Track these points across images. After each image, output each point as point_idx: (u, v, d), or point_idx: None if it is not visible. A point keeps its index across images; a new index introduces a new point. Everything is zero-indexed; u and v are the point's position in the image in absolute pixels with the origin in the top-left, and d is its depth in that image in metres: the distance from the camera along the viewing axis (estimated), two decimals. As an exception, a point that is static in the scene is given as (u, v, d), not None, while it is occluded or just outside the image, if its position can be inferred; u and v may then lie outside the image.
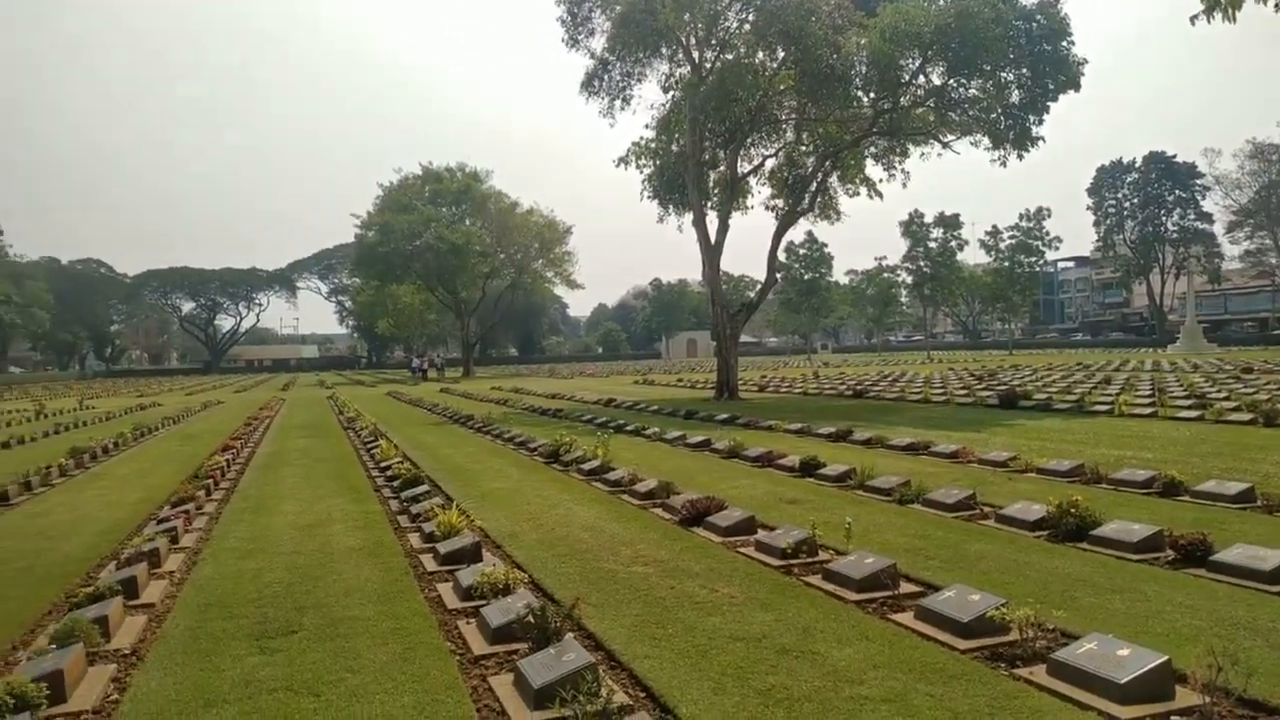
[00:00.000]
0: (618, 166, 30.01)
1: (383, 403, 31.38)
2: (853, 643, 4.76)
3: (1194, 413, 15.85)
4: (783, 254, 57.32)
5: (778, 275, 31.74)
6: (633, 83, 28.40)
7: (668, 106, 28.85)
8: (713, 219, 28.51)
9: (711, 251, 27.88)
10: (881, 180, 29.62)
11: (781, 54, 25.99)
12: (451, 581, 6.26)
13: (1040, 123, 25.05)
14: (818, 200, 30.26)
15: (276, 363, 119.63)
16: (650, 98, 62.46)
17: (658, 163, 29.80)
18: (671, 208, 30.42)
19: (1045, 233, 66.18)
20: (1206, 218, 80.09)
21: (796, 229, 37.71)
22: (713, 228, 28.09)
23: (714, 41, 27.32)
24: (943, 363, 53.64)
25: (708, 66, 27.01)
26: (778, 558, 6.56)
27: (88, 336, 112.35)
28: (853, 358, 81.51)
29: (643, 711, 3.91)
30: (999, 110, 24.92)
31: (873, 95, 26.46)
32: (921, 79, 25.98)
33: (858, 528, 7.11)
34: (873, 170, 29.95)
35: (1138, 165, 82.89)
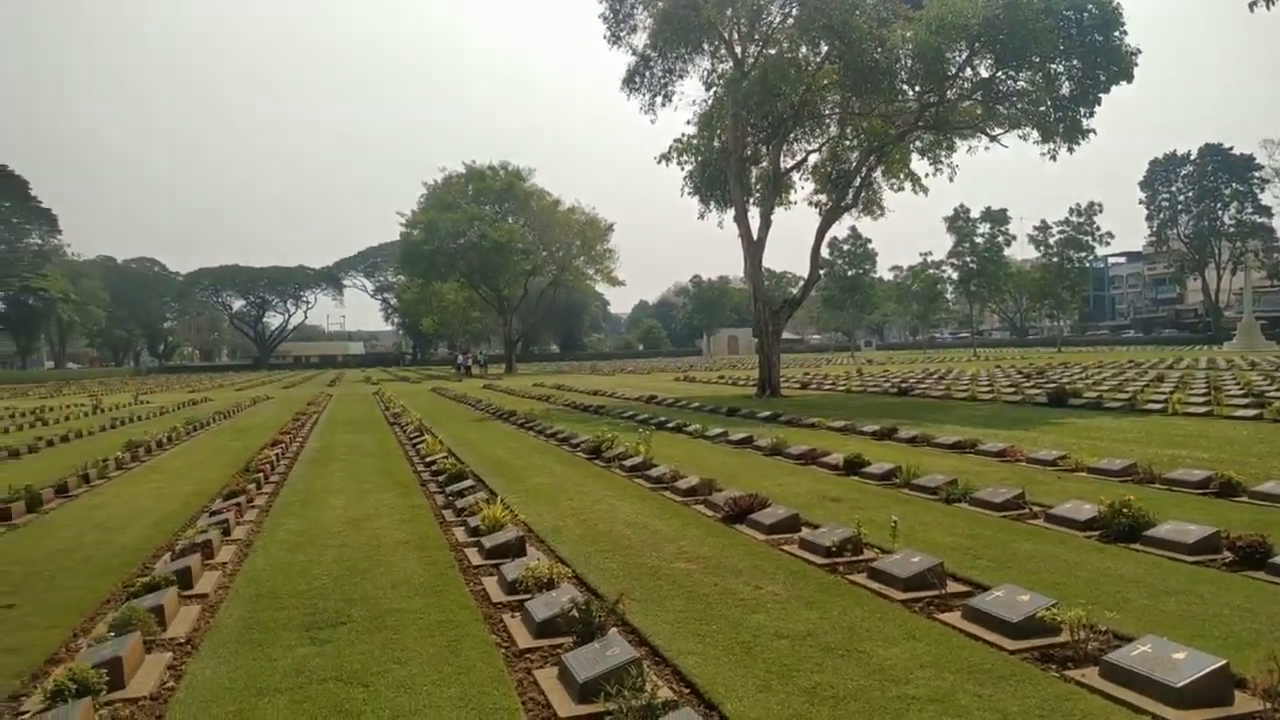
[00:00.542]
0: (659, 163, 29.93)
1: (427, 399, 31.74)
2: (899, 642, 4.72)
3: (1251, 412, 15.43)
4: (826, 250, 56.75)
5: (821, 271, 31.46)
6: (674, 79, 28.34)
7: (709, 102, 28.70)
8: (755, 215, 28.34)
9: (753, 248, 27.74)
10: (927, 175, 29.22)
11: (825, 48, 25.77)
12: (496, 575, 6.32)
13: (1091, 115, 24.55)
14: (862, 195, 29.91)
15: (323, 359, 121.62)
16: (692, 94, 62.23)
17: (699, 159, 29.66)
18: (713, 204, 30.28)
19: (1096, 227, 64.90)
20: (1265, 211, 77.91)
21: (840, 224, 37.30)
22: (754, 224, 27.93)
23: (757, 36, 27.17)
24: (989, 360, 52.80)
25: (750, 62, 26.85)
26: (822, 556, 6.51)
27: (142, 333, 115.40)
28: (897, 355, 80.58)
29: (687, 707, 3.91)
30: (1048, 103, 24.45)
31: (918, 89, 26.12)
32: (968, 71, 25.60)
33: (903, 526, 7.04)
34: (918, 165, 29.52)
35: (1193, 158, 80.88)
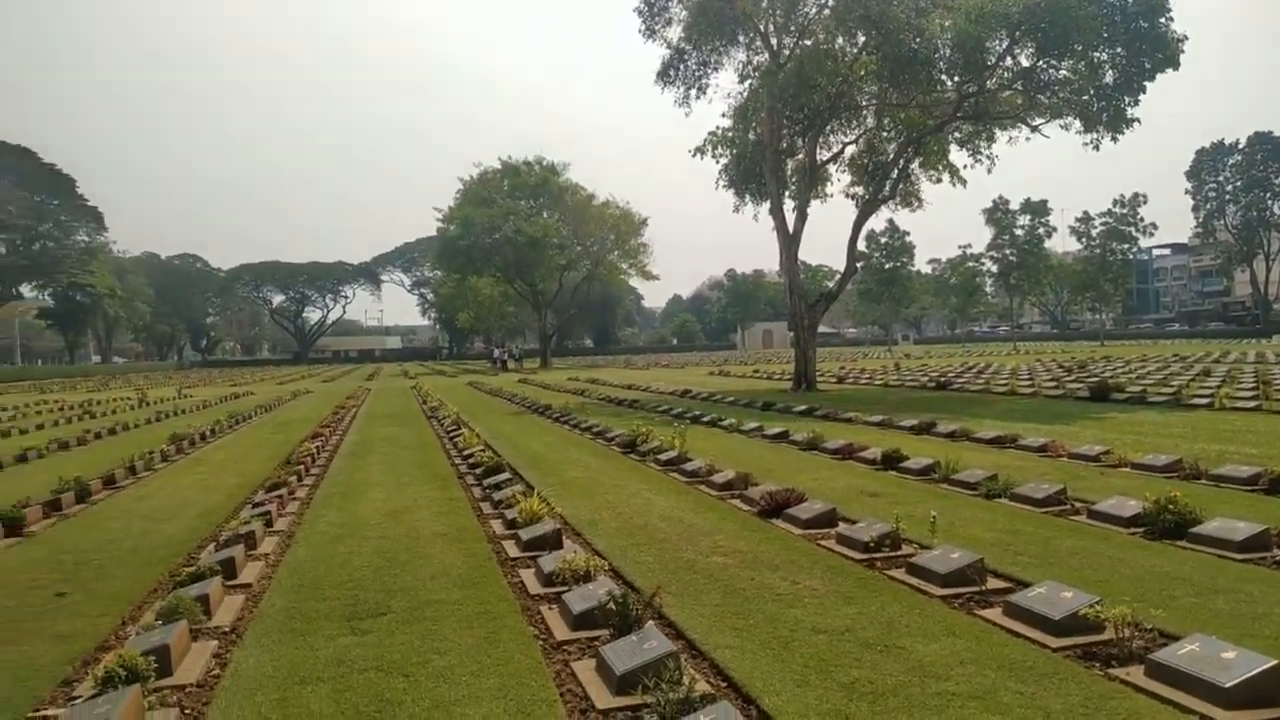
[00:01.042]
0: (694, 156, 29.81)
1: (464, 392, 32.00)
2: (938, 638, 4.67)
3: (1303, 406, 15.05)
4: (863, 243, 56.24)
5: (857, 264, 31.16)
6: (709, 71, 28.23)
7: (745, 95, 28.52)
8: (790, 208, 28.18)
9: (789, 241, 27.56)
10: (966, 166, 28.83)
11: (862, 39, 25.49)
12: (533, 567, 6.36)
13: (1136, 103, 24.00)
14: (899, 187, 29.61)
15: (362, 353, 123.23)
16: (726, 86, 61.91)
17: (734, 152, 29.49)
18: (748, 197, 30.11)
19: (1139, 219, 63.59)
20: (1318, 201, 75.83)
21: (877, 217, 37.03)
22: (790, 217, 27.77)
23: (792, 28, 26.95)
24: (1029, 354, 52.05)
25: (786, 53, 26.65)
26: (860, 551, 6.47)
27: (185, 328, 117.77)
28: (935, 349, 79.75)
29: (725, 701, 3.91)
30: (1091, 91, 23.97)
31: (957, 79, 25.72)
32: (1009, 61, 25.15)
33: (942, 522, 6.96)
34: (957, 156, 29.14)
35: (1241, 146, 78.92)
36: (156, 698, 4.24)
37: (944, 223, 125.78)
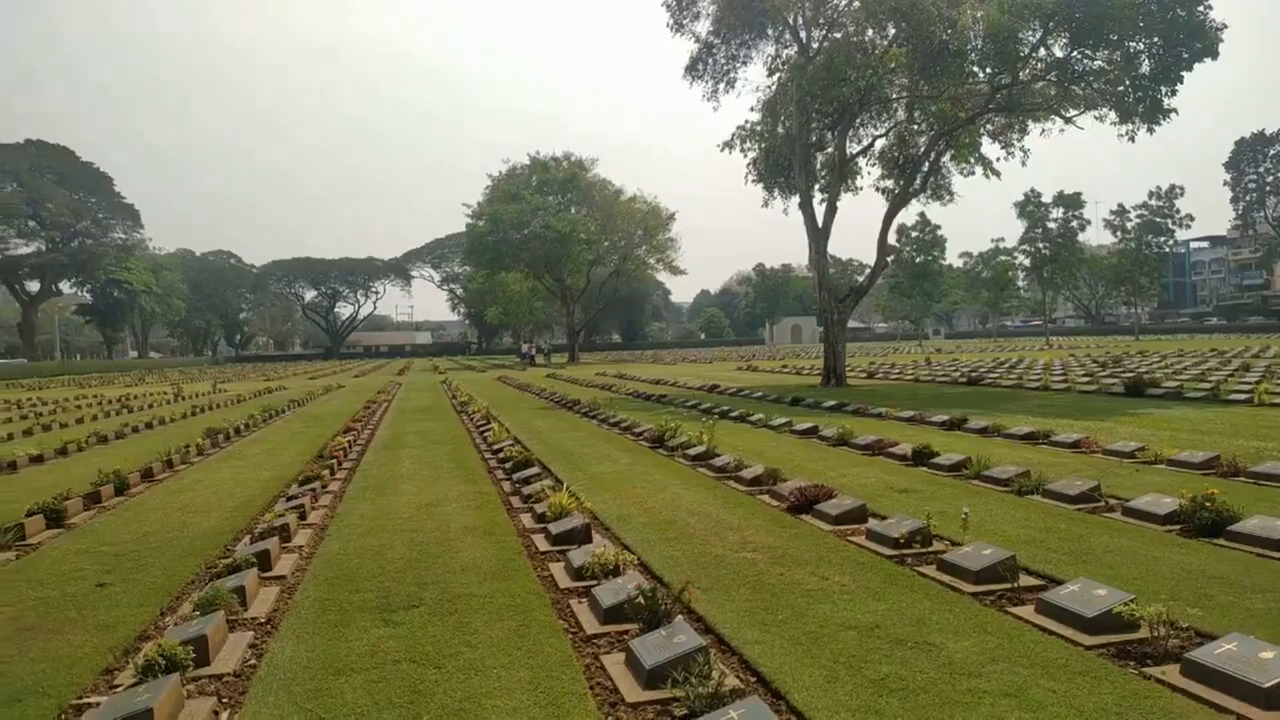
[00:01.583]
0: (723, 151, 29.75)
1: (493, 387, 32.18)
2: (969, 635, 4.64)
3: (1346, 402, 14.73)
4: (893, 236, 55.65)
5: (888, 259, 30.89)
6: (738, 65, 28.19)
7: (774, 88, 28.40)
8: (820, 202, 28.01)
9: (818, 235, 27.41)
10: (999, 159, 28.48)
11: (892, 31, 25.27)
12: (563, 561, 6.40)
13: (1173, 94, 23.57)
14: (930, 181, 29.33)
15: (392, 348, 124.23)
16: (755, 80, 61.74)
17: (763, 146, 29.37)
18: (777, 191, 30.01)
19: (1176, 211, 62.45)
20: (1361, 192, 74.11)
21: (908, 210, 36.73)
22: (820, 211, 27.60)
23: (822, 21, 26.78)
24: (1063, 349, 51.38)
25: (815, 46, 26.50)
26: (890, 547, 6.44)
27: (219, 323, 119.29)
28: (966, 343, 78.94)
29: (754, 696, 3.91)
30: (1127, 82, 23.57)
31: (989, 70, 25.43)
32: (1042, 52, 24.83)
33: (974, 519, 6.90)
34: (989, 149, 28.81)
35: (1282, 137, 77.28)
36: (195, 686, 4.33)
37: (976, 216, 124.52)
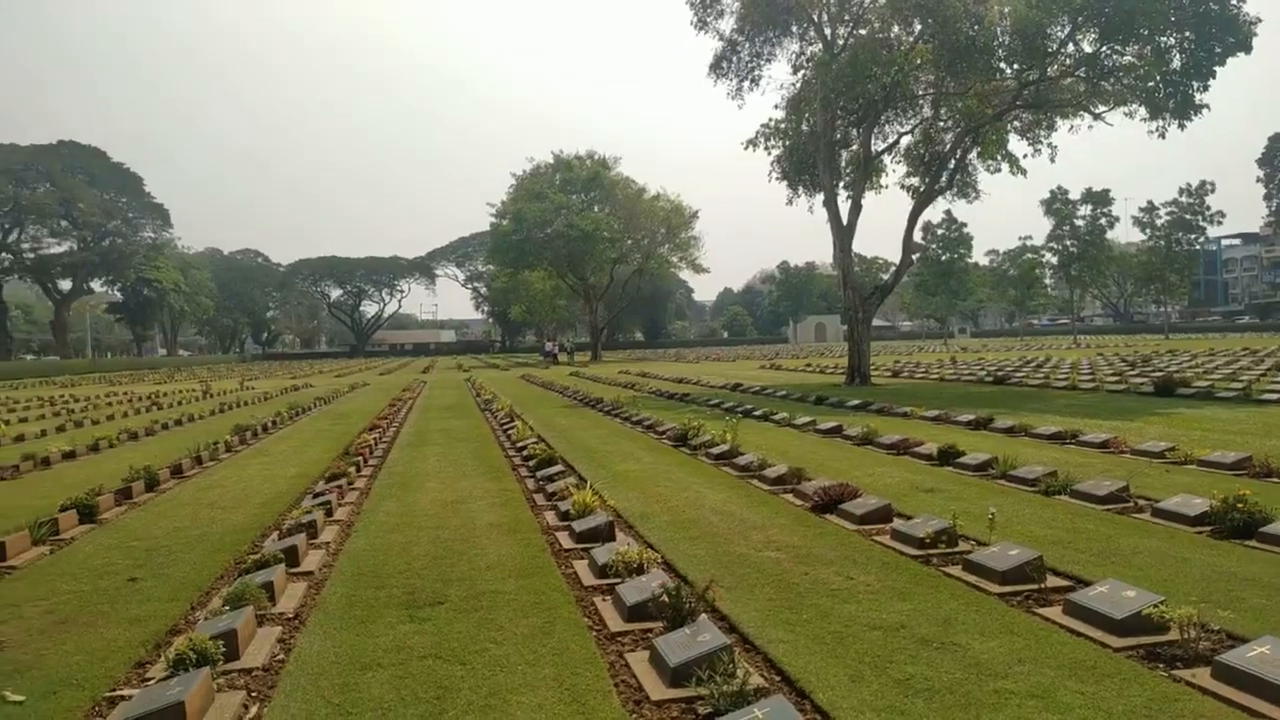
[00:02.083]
0: (746, 149, 29.67)
1: (516, 385, 32.30)
2: (996, 635, 4.61)
3: (1382, 402, 14.46)
4: (919, 234, 55.30)
5: (913, 256, 30.69)
6: (762, 63, 28.06)
7: (798, 86, 28.29)
8: (844, 199, 27.89)
9: (843, 233, 27.28)
10: (1026, 156, 28.19)
11: (918, 27, 25.09)
12: (587, 559, 6.43)
13: (1204, 89, 23.20)
14: (956, 178, 29.10)
15: (417, 347, 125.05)
16: (779, 78, 61.53)
17: (787, 143, 29.25)
18: (801, 189, 29.84)
19: (1207, 208, 61.50)
20: (1400, 187, 72.68)
21: (934, 208, 36.46)
22: (844, 208, 27.49)
23: (847, 17, 26.63)
24: (1091, 348, 50.82)
25: (840, 43, 26.35)
26: (915, 547, 6.40)
27: (246, 321, 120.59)
28: (993, 342, 78.28)
29: (779, 695, 3.91)
30: (1158, 77, 23.23)
31: (1017, 66, 25.17)
32: (1070, 47, 24.52)
33: (1000, 518, 6.85)
34: (1016, 145, 28.51)
35: (1318, 132, 75.95)
36: (225, 680, 4.39)
37: (1003, 213, 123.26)
